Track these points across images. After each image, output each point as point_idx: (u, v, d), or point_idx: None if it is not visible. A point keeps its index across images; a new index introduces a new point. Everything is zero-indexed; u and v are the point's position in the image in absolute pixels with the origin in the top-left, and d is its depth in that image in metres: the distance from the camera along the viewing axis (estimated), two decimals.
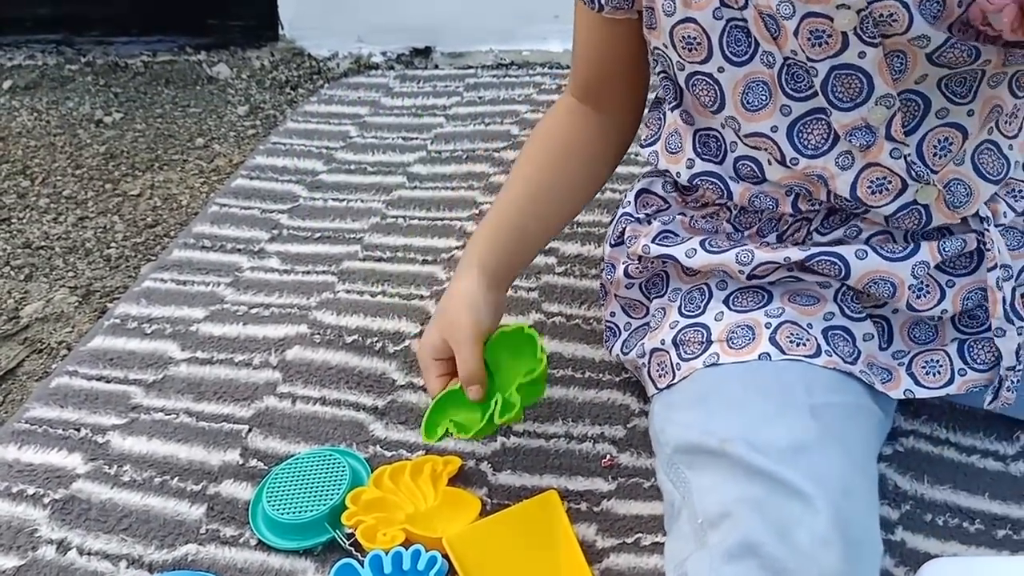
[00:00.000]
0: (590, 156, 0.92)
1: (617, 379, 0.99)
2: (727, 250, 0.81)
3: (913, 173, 0.73)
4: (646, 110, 0.92)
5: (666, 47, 0.78)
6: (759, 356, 0.75)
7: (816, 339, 0.77)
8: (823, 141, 0.75)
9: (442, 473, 0.88)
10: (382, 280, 1.16)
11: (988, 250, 0.77)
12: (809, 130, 0.75)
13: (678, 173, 0.84)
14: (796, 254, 0.78)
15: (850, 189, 0.75)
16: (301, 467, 0.89)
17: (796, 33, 0.69)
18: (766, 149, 0.77)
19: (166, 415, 0.98)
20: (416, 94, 1.61)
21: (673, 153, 0.85)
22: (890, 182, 0.74)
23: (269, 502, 0.85)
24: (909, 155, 0.73)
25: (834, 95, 0.71)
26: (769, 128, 0.75)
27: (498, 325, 0.87)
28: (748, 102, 0.75)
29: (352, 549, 0.82)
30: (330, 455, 0.90)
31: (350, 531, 0.83)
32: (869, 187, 0.75)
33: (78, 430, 0.97)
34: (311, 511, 0.84)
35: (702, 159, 0.82)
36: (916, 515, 0.83)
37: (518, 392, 0.81)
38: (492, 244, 0.89)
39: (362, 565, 0.78)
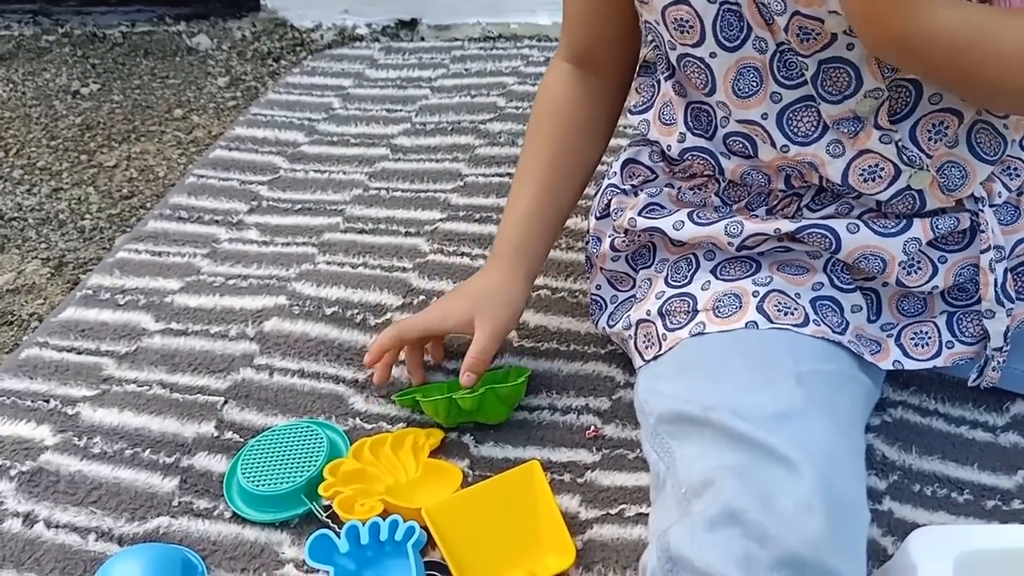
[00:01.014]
0: (597, 127, 0.91)
1: (602, 351, 0.97)
2: (716, 222, 0.79)
3: (905, 158, 0.71)
4: (636, 74, 0.90)
5: (657, 23, 0.76)
6: (746, 325, 0.73)
7: (804, 309, 0.75)
8: (813, 129, 0.73)
9: (424, 445, 0.86)
10: (364, 252, 1.13)
11: (982, 231, 0.75)
12: (799, 118, 0.73)
13: (669, 146, 0.82)
14: (787, 226, 0.76)
15: (841, 176, 0.73)
16: (278, 439, 0.87)
17: (786, 29, 0.68)
18: (757, 134, 0.75)
19: (139, 387, 0.96)
20: (401, 66, 1.58)
21: (667, 124, 0.82)
22: (882, 169, 0.72)
23: (244, 474, 0.83)
24: (900, 140, 0.71)
25: (823, 88, 0.70)
26: (759, 115, 0.74)
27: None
28: (739, 88, 0.73)
29: (329, 521, 0.80)
30: (307, 427, 0.88)
31: (327, 503, 0.81)
32: (861, 175, 0.73)
33: (47, 401, 0.94)
34: (287, 483, 0.82)
35: (693, 133, 0.80)
36: (904, 485, 0.81)
37: (485, 392, 0.85)
38: (524, 245, 0.90)
39: (339, 536, 0.76)
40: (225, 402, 0.93)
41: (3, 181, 1.41)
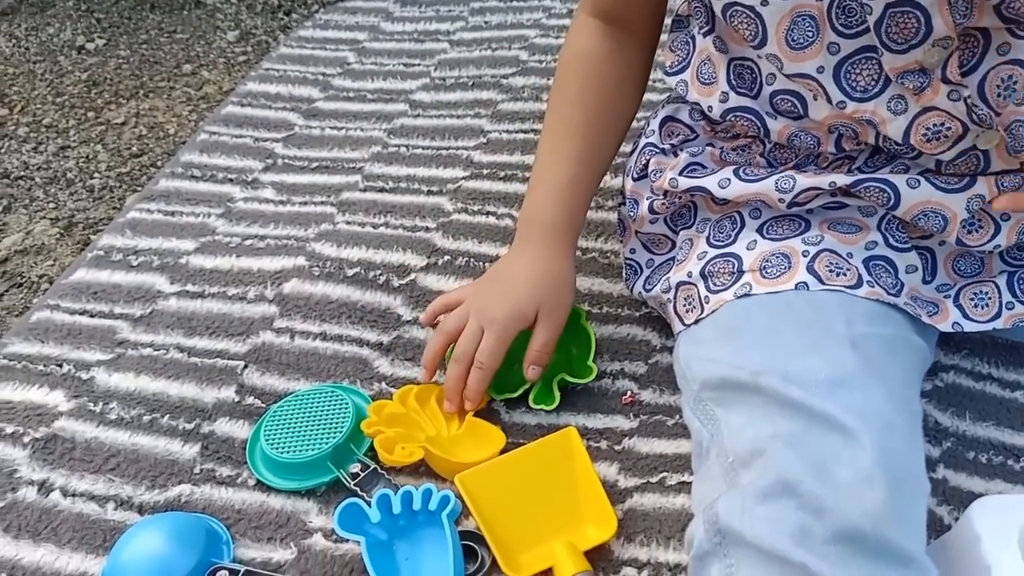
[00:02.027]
0: (630, 83, 0.85)
1: (636, 314, 0.93)
2: (765, 177, 0.74)
3: (975, 117, 0.65)
4: (667, 32, 0.84)
5: None
6: (795, 286, 0.69)
7: (857, 269, 0.70)
8: (873, 83, 0.67)
9: None
10: (385, 211, 1.09)
11: None
12: (858, 71, 0.67)
13: (710, 107, 0.76)
14: (842, 179, 0.71)
15: (903, 135, 0.67)
16: (301, 404, 0.83)
17: None
18: (811, 90, 0.70)
19: (155, 351, 0.92)
20: (418, 19, 1.53)
21: (706, 84, 0.77)
22: (949, 128, 0.66)
23: (268, 441, 0.80)
24: (969, 97, 0.65)
25: (887, 35, 0.64)
26: (815, 68, 0.67)
27: None
28: (793, 39, 0.67)
29: (357, 489, 0.77)
30: (332, 392, 0.84)
31: (355, 471, 0.78)
32: (924, 134, 0.67)
33: (60, 366, 0.91)
34: (313, 450, 0.78)
35: (736, 92, 0.74)
36: (958, 452, 0.78)
37: (559, 387, 0.83)
38: (570, 220, 0.84)
39: (369, 505, 0.73)
40: (245, 366, 0.90)
41: (8, 139, 1.37)
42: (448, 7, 1.57)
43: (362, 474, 0.78)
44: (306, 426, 0.81)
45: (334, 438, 0.79)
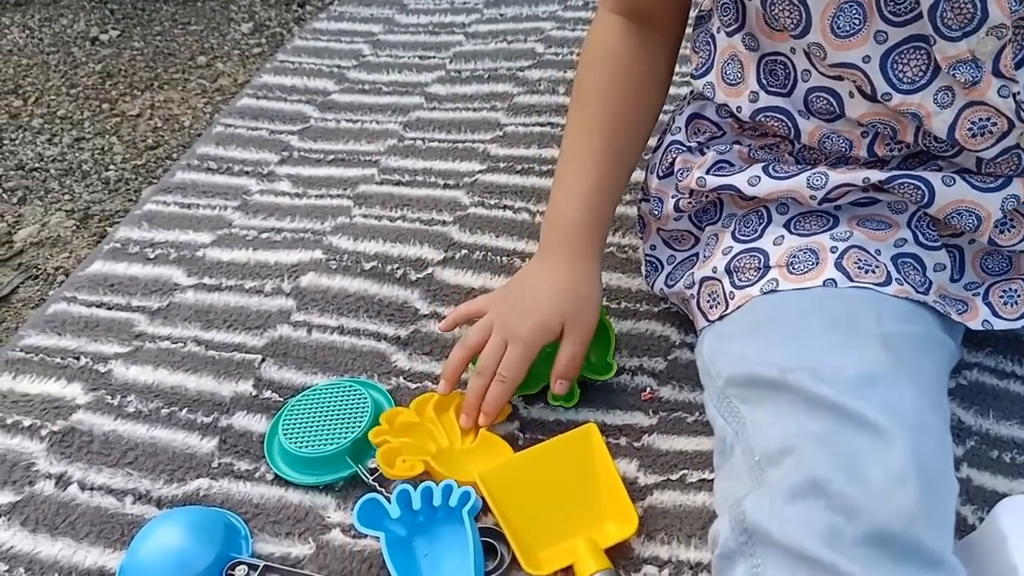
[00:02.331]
0: (656, 81, 0.83)
1: (655, 309, 0.92)
2: (796, 174, 0.73)
3: (1022, 115, 0.64)
4: (689, 28, 0.83)
5: None
6: (824, 282, 0.68)
7: (886, 266, 0.70)
8: (921, 74, 0.65)
9: None
10: (401, 204, 1.09)
11: None
12: (906, 61, 0.65)
13: (739, 108, 0.75)
14: (876, 175, 0.70)
15: (948, 130, 0.66)
16: (319, 398, 0.83)
17: None
18: (853, 80, 0.67)
19: (172, 343, 0.92)
20: (433, 11, 1.52)
21: (733, 85, 0.75)
22: (995, 124, 0.65)
23: (286, 435, 0.79)
24: (1018, 93, 0.63)
25: (942, 21, 0.61)
26: (860, 58, 0.65)
27: None
28: (838, 26, 0.65)
29: (376, 484, 0.76)
30: (350, 386, 0.84)
31: (374, 466, 0.77)
32: (970, 129, 0.65)
33: (77, 359, 0.91)
34: (331, 444, 0.78)
35: (768, 91, 0.73)
36: (982, 451, 0.77)
37: (578, 384, 0.83)
38: (593, 228, 0.81)
39: (388, 501, 0.72)
40: (263, 360, 0.89)
41: (23, 131, 1.37)
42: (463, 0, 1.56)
43: (376, 454, 0.78)
44: (324, 421, 0.81)
45: (352, 433, 0.79)
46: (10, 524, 0.76)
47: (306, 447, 0.78)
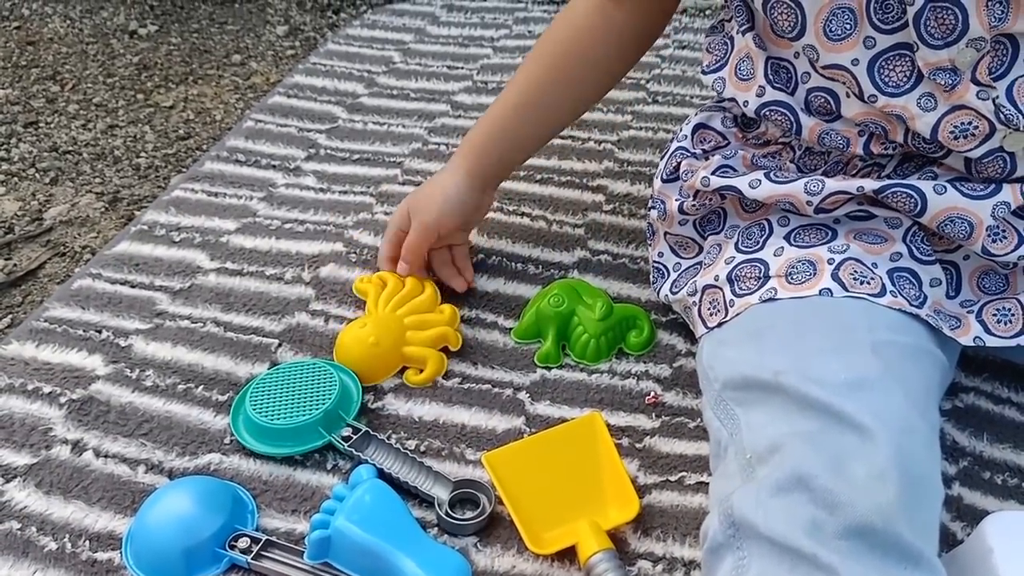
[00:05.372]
0: (598, 57, 0.90)
1: (663, 319, 0.95)
2: (795, 180, 0.76)
3: (1002, 116, 0.68)
4: (705, 35, 0.87)
5: None
6: (819, 291, 0.71)
7: (881, 279, 0.72)
8: (905, 79, 0.70)
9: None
10: None
11: None
12: (891, 67, 0.70)
13: (745, 102, 0.79)
14: (870, 184, 0.73)
15: (931, 131, 0.70)
16: (285, 376, 0.85)
17: None
18: (843, 83, 0.72)
19: (192, 323, 0.95)
20: (463, 24, 1.56)
21: (744, 80, 0.79)
22: (976, 127, 0.69)
23: (255, 408, 0.82)
24: (997, 98, 0.68)
25: (926, 30, 0.66)
26: (850, 61, 0.70)
27: (478, 222, 1.01)
28: (831, 30, 0.70)
29: (352, 451, 0.79)
30: (313, 364, 0.86)
31: (346, 434, 0.81)
32: (952, 131, 0.70)
33: (99, 332, 0.94)
34: (302, 416, 0.81)
35: (773, 87, 0.77)
36: (974, 472, 0.79)
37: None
38: (484, 146, 0.94)
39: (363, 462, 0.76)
40: (279, 345, 0.92)
41: (58, 115, 1.41)
42: (493, 15, 1.60)
43: (354, 437, 0.80)
44: (292, 395, 0.83)
45: (323, 404, 0.81)
46: (25, 485, 0.79)
47: (277, 419, 0.81)
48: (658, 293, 0.90)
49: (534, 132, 0.94)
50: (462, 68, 1.42)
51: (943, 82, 0.68)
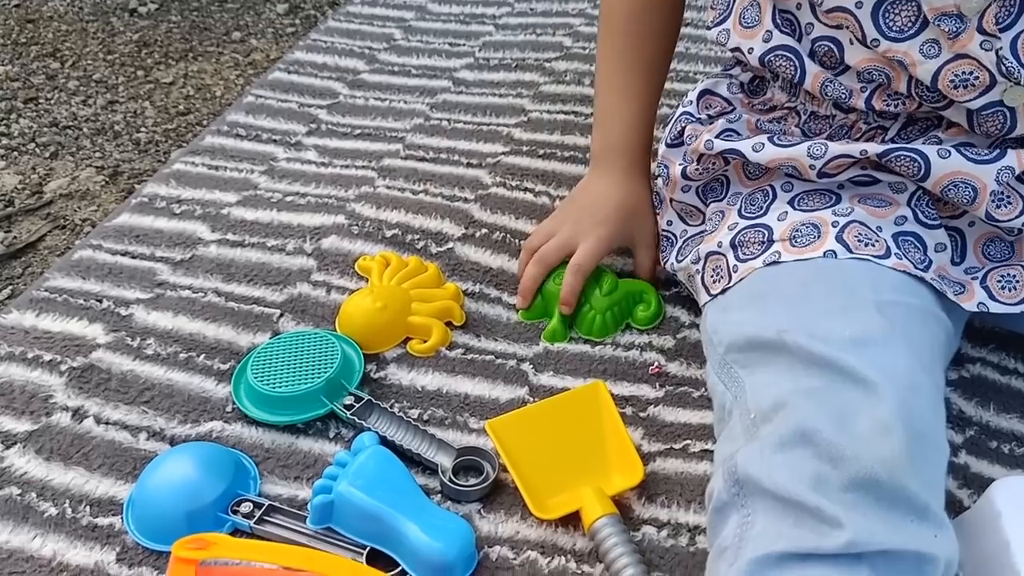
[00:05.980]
0: (669, 18, 0.92)
1: (667, 293, 0.94)
2: (798, 143, 0.76)
3: (1003, 68, 0.67)
4: None
5: None
6: (824, 254, 0.70)
7: (886, 241, 0.72)
8: (910, 24, 0.69)
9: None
10: (424, 179, 1.11)
11: None
12: (896, 11, 0.69)
13: (751, 49, 0.78)
14: (874, 148, 0.73)
15: (932, 79, 0.69)
16: (285, 345, 0.84)
17: None
18: (847, 27, 0.71)
19: (193, 293, 0.94)
20: (465, 2, 1.54)
21: (748, 28, 0.79)
22: (977, 77, 0.68)
23: (256, 376, 0.81)
24: (1001, 49, 0.67)
25: None
26: (853, 3, 0.70)
27: None
28: None
29: (355, 419, 0.78)
30: (315, 334, 0.85)
31: (348, 402, 0.80)
32: (952, 80, 0.69)
33: (100, 301, 0.93)
34: (306, 384, 0.80)
35: (780, 31, 0.77)
36: (981, 441, 0.78)
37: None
38: (643, 142, 0.93)
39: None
40: (281, 315, 0.91)
41: (58, 91, 1.40)
42: None
43: (356, 405, 0.80)
44: (294, 364, 0.82)
45: (326, 372, 0.81)
46: (25, 451, 0.78)
47: (279, 387, 0.80)
48: (664, 263, 0.90)
49: (655, 109, 0.95)
50: (464, 45, 1.42)
51: (948, 29, 0.67)
